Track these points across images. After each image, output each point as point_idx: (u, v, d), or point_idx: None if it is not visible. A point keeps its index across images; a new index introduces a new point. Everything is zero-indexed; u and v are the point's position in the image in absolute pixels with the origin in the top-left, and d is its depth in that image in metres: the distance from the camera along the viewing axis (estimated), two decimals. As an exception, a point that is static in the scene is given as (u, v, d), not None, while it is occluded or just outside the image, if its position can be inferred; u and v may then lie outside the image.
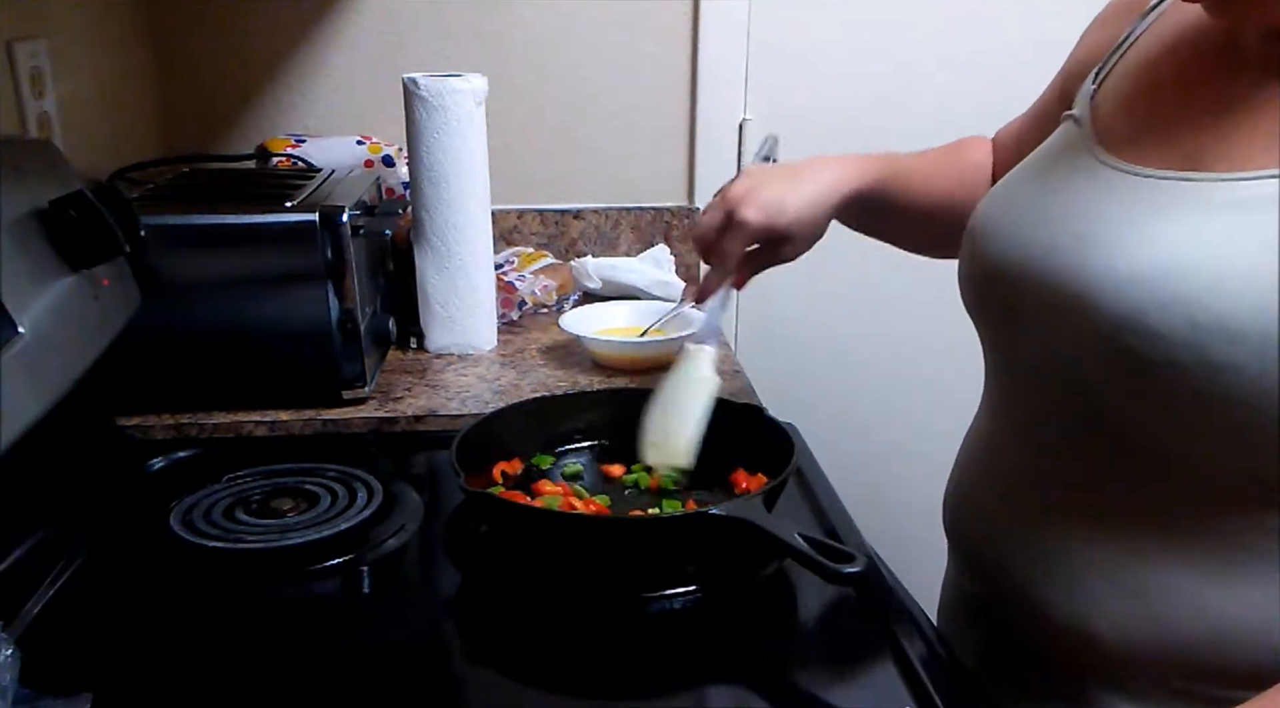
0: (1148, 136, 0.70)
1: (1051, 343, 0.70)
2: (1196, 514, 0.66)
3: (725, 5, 1.64)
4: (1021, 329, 0.73)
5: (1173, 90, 0.71)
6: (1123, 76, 0.76)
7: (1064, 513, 0.72)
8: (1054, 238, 0.70)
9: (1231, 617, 0.66)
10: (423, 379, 1.27)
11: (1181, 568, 0.67)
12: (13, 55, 1.12)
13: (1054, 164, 0.76)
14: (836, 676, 0.75)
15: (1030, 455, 0.75)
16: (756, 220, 0.92)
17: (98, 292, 0.91)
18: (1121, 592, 0.69)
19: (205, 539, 0.88)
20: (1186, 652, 0.68)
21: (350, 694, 0.72)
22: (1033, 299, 0.71)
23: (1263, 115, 0.65)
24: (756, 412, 1.02)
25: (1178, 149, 0.68)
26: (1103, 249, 0.66)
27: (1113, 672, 0.71)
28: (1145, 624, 0.68)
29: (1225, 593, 0.66)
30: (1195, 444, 0.64)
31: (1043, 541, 0.73)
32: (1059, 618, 0.72)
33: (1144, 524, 0.68)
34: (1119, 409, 0.67)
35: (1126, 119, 0.73)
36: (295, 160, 1.44)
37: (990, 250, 0.76)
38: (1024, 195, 0.77)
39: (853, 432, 1.79)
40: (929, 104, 1.71)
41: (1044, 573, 0.73)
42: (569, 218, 1.69)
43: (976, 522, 0.82)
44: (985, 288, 0.77)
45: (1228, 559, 0.65)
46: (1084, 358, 0.67)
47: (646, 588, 0.83)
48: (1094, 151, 0.72)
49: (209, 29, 1.57)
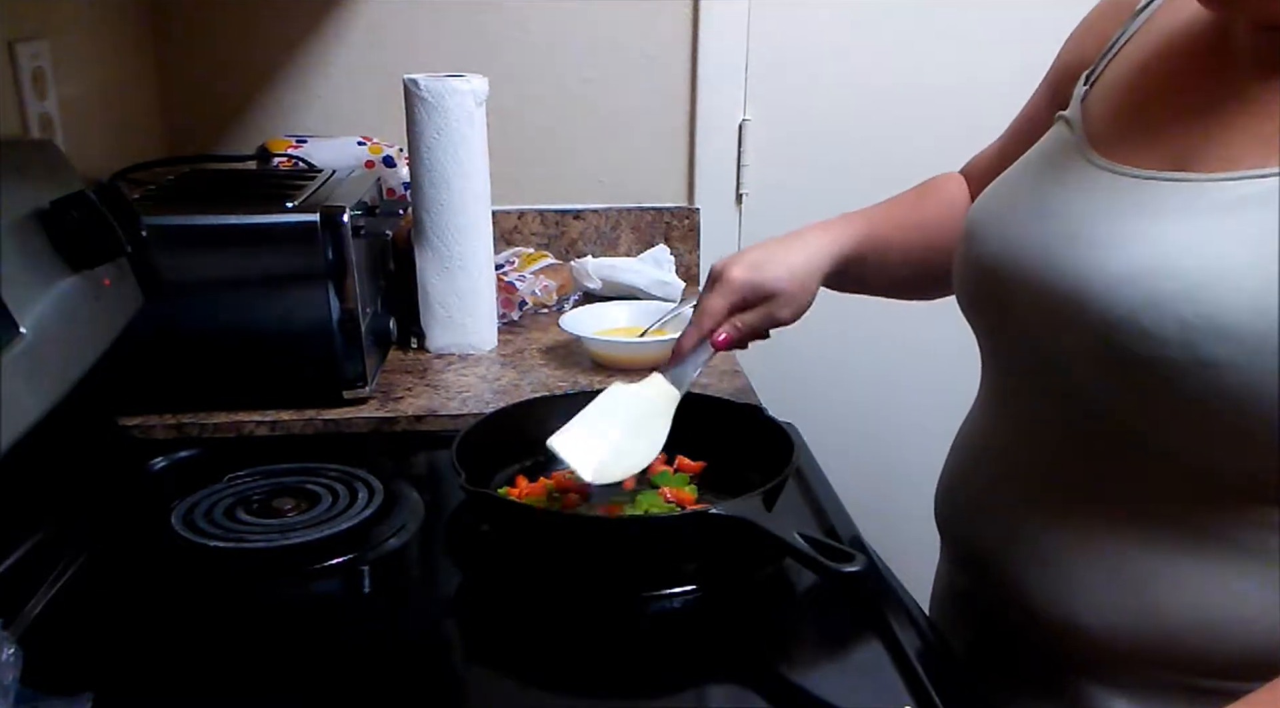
0: (1139, 137, 0.71)
1: (1044, 341, 0.71)
2: (1185, 509, 0.67)
3: (725, 5, 1.64)
4: (1015, 328, 0.74)
5: (1163, 91, 0.72)
6: (1114, 77, 0.77)
7: (1054, 507, 0.73)
8: (1046, 238, 0.71)
9: (1219, 609, 0.67)
10: (423, 379, 1.28)
11: (1169, 561, 0.68)
12: (14, 56, 1.12)
13: (1046, 164, 0.77)
14: (836, 675, 0.75)
15: (1022, 451, 0.76)
16: (740, 276, 0.93)
17: (99, 292, 0.92)
18: (1110, 584, 0.70)
19: (206, 539, 0.88)
20: (1173, 644, 0.69)
21: (351, 694, 0.72)
22: (1025, 298, 0.71)
23: (1252, 114, 0.66)
24: (756, 412, 1.02)
25: (1168, 149, 0.68)
26: (1094, 249, 0.67)
27: (1100, 664, 0.72)
28: (1133, 617, 0.69)
29: (1212, 586, 0.67)
30: (1185, 440, 0.64)
31: (1033, 534, 0.74)
32: (1047, 610, 0.73)
33: (1133, 518, 0.69)
34: (1110, 406, 0.67)
35: (1117, 120, 0.74)
36: (296, 161, 1.45)
37: (984, 250, 0.76)
38: (1017, 195, 0.77)
39: (853, 432, 1.79)
40: (929, 104, 1.71)
41: (1033, 566, 0.74)
42: (569, 218, 1.69)
43: (968, 515, 0.82)
44: (979, 287, 0.78)
45: (1215, 553, 0.66)
46: (1076, 356, 0.68)
47: (646, 588, 0.83)
48: (1086, 152, 0.73)
49: (210, 30, 1.58)
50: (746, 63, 1.68)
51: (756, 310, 0.94)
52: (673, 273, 1.59)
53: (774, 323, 0.95)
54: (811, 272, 0.94)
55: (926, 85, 1.72)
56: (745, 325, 0.95)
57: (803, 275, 0.94)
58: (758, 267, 0.93)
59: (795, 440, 0.93)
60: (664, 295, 1.52)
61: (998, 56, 1.67)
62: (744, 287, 0.93)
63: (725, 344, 0.95)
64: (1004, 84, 1.06)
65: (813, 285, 0.95)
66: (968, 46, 1.71)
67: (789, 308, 0.94)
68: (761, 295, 0.93)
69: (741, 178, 1.73)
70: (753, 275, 0.93)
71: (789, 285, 0.93)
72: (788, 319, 0.95)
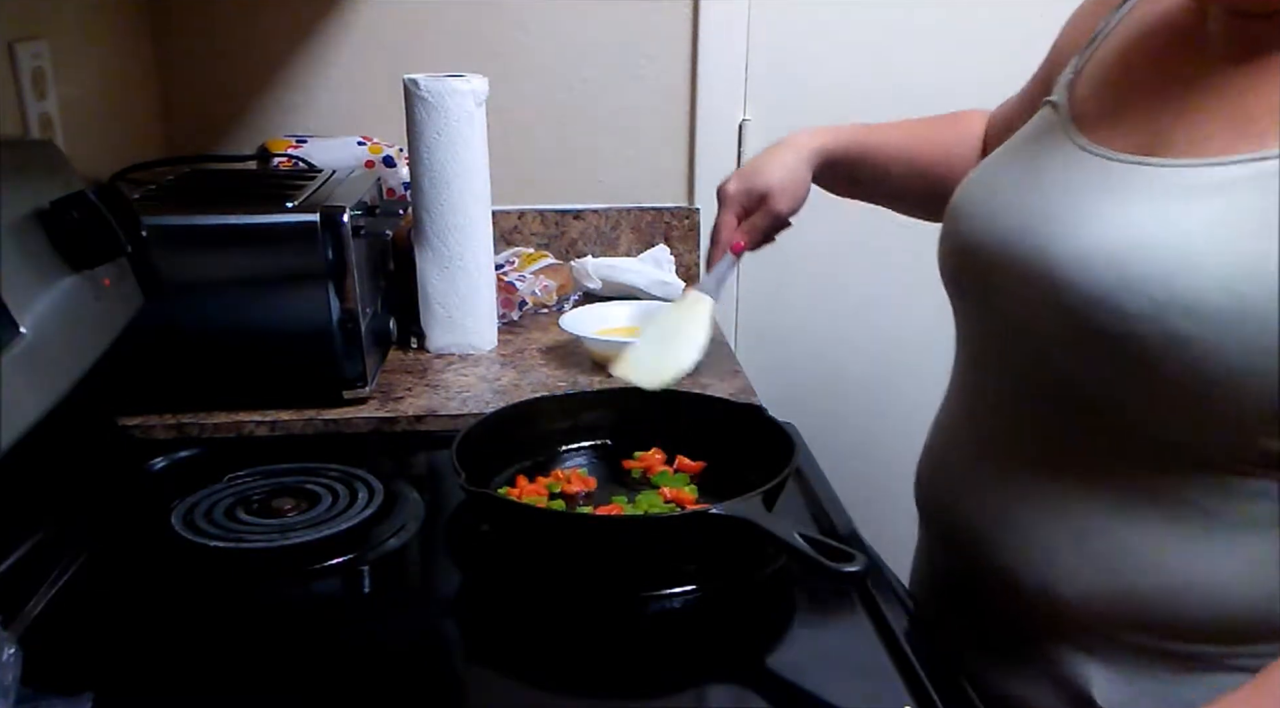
0: (1120, 120, 0.74)
1: (1021, 317, 0.73)
2: (1154, 479, 0.69)
3: (725, 5, 1.64)
4: (993, 304, 0.77)
5: (1143, 76, 0.75)
6: (1099, 64, 0.80)
7: (1030, 480, 0.75)
8: (1026, 217, 0.73)
9: (1188, 575, 0.69)
10: (423, 379, 1.28)
11: (1140, 530, 0.70)
12: (14, 56, 1.12)
13: (1031, 146, 0.80)
14: (836, 675, 0.75)
15: (998, 426, 0.79)
16: (735, 186, 1.03)
17: (99, 292, 0.92)
18: (1083, 553, 0.72)
19: (206, 539, 0.88)
20: (1144, 610, 0.71)
21: (350, 694, 0.72)
22: (1004, 275, 0.74)
23: (1222, 98, 0.69)
24: (756, 412, 1.02)
25: (1145, 132, 0.71)
26: (1071, 228, 0.70)
27: (1074, 631, 0.75)
28: (1106, 584, 0.72)
29: (1182, 552, 0.69)
30: (1156, 413, 0.67)
31: (1009, 507, 0.77)
32: (1025, 581, 0.75)
33: (1106, 489, 0.71)
34: (1082, 380, 0.70)
35: (1100, 104, 0.77)
36: (296, 161, 1.45)
37: (966, 227, 0.79)
38: (1001, 175, 0.80)
39: (853, 432, 1.79)
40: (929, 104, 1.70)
41: (1009, 537, 0.76)
42: (569, 218, 1.69)
43: (945, 492, 0.85)
44: (960, 263, 0.81)
45: (1184, 521, 0.69)
46: (1051, 332, 0.71)
47: (646, 588, 0.83)
48: (1070, 134, 0.76)
49: (210, 29, 1.58)
50: (746, 63, 1.68)
51: (760, 212, 1.03)
52: (673, 273, 1.59)
53: (776, 217, 1.03)
54: (799, 164, 1.03)
55: (926, 85, 1.71)
56: (754, 228, 1.04)
57: (793, 168, 1.03)
58: (749, 174, 1.04)
59: (795, 440, 0.93)
60: (664, 295, 1.52)
61: (998, 56, 1.67)
62: (740, 193, 1.04)
63: (740, 249, 1.04)
64: (1004, 84, 1.06)
65: (803, 175, 1.03)
66: (967, 46, 1.70)
67: (784, 200, 1.02)
68: (759, 196, 1.03)
69: (741, 178, 1.73)
70: (746, 182, 1.04)
71: (780, 181, 1.02)
72: (785, 211, 1.03)
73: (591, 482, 0.97)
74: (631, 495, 0.94)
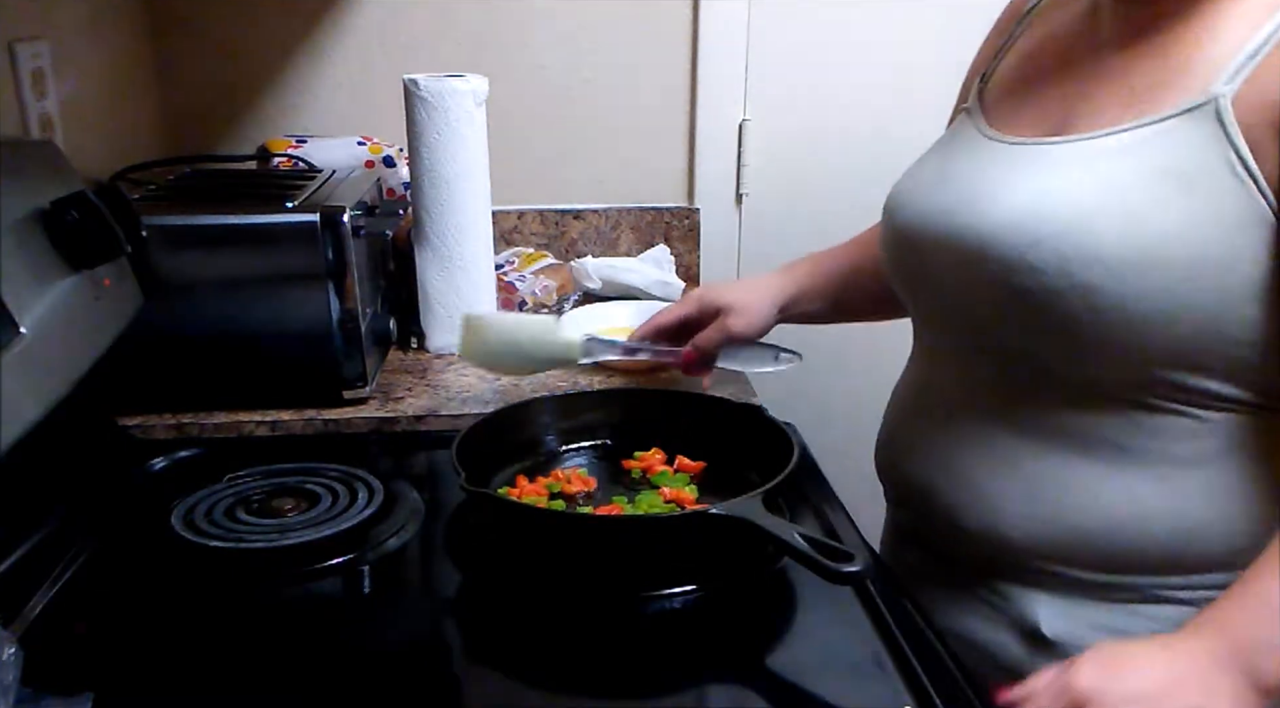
0: (1027, 112, 0.85)
1: (954, 288, 0.83)
2: (1081, 419, 0.79)
3: (725, 5, 1.64)
4: (931, 281, 0.87)
5: (1045, 71, 0.86)
6: (1005, 70, 0.91)
7: (975, 435, 0.85)
8: (949, 202, 0.84)
9: (1120, 510, 0.79)
10: (423, 379, 1.28)
11: (1075, 472, 0.80)
12: (14, 56, 1.12)
13: (949, 145, 0.91)
14: (836, 675, 0.75)
15: (945, 390, 0.89)
16: (697, 291, 1.09)
17: (99, 292, 0.92)
18: (1027, 499, 0.82)
19: (206, 539, 0.88)
20: (1083, 545, 0.81)
21: (350, 694, 0.72)
22: (936, 254, 0.84)
23: (1114, 80, 0.79)
24: (756, 412, 1.03)
25: (1053, 120, 0.82)
26: (987, 205, 0.80)
27: (1022, 569, 0.84)
28: (1048, 525, 0.82)
29: (1113, 490, 0.79)
30: (1073, 358, 0.77)
31: (959, 462, 0.86)
32: (974, 525, 0.85)
33: (1041, 437, 0.81)
34: (1012, 335, 0.80)
35: (1009, 101, 0.88)
36: (296, 161, 1.45)
37: (900, 220, 0.89)
38: (925, 172, 0.91)
39: (852, 432, 1.79)
40: (928, 104, 1.69)
41: (961, 490, 0.86)
42: (569, 218, 1.69)
43: (903, 456, 0.94)
44: (899, 251, 0.91)
45: (1112, 460, 0.79)
46: (982, 296, 0.80)
47: (646, 587, 0.83)
48: (981, 129, 0.87)
49: (210, 30, 1.58)
50: (746, 63, 1.68)
51: (714, 325, 1.07)
52: (673, 273, 1.59)
53: (727, 333, 1.06)
54: (763, 294, 1.08)
55: (926, 85, 1.71)
56: (705, 339, 1.07)
57: (758, 294, 1.08)
58: (715, 287, 1.11)
59: (795, 440, 0.93)
60: (664, 296, 1.52)
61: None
62: (698, 299, 1.09)
63: (691, 359, 1.08)
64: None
65: (766, 306, 1.07)
66: (967, 47, 1.70)
67: (742, 319, 1.06)
68: (715, 308, 1.07)
69: (741, 178, 1.73)
70: (707, 291, 1.10)
71: (740, 300, 1.07)
72: (740, 330, 1.06)
73: (591, 482, 0.97)
74: (631, 496, 0.94)
